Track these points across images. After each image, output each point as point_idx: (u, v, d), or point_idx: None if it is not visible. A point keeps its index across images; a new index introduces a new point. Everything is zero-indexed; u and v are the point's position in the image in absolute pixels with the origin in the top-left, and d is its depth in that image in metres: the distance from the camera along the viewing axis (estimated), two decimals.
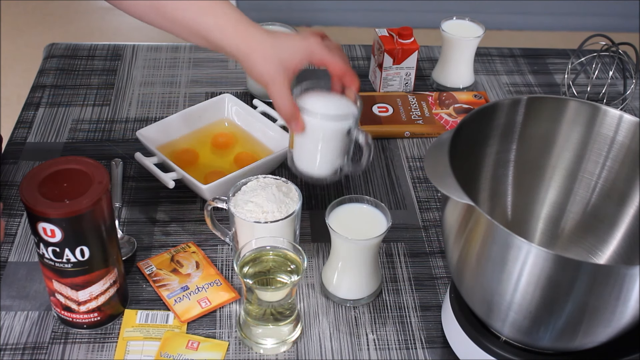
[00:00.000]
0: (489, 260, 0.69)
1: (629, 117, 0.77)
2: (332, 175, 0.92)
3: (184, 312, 0.84)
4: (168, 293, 0.86)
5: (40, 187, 0.73)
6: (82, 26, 2.96)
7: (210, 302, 0.85)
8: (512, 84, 1.29)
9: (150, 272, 0.89)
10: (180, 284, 0.87)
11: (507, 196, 0.85)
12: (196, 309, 0.84)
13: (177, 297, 0.85)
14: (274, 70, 0.85)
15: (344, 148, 0.90)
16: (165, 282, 0.87)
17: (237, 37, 0.86)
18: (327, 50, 0.88)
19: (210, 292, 0.86)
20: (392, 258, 0.94)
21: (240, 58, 0.87)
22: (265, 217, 0.84)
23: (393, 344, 0.83)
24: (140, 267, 0.89)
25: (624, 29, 2.84)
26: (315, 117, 0.86)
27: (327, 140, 0.88)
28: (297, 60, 0.87)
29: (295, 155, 0.92)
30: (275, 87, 0.86)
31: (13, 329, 0.83)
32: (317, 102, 0.89)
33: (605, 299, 0.64)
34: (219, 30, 0.86)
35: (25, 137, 1.10)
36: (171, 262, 0.90)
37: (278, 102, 0.86)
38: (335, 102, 0.90)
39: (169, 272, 0.89)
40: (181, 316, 0.84)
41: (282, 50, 0.86)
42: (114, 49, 1.31)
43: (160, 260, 0.90)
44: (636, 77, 1.20)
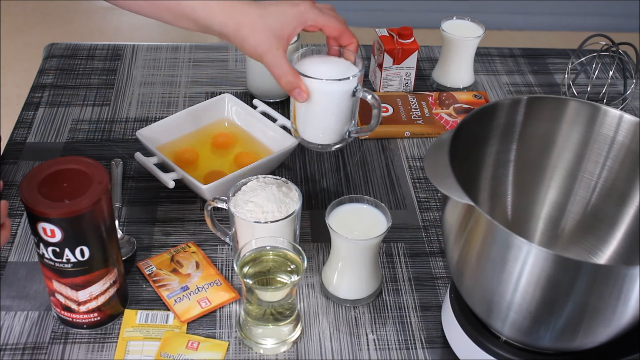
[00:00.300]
0: (489, 260, 0.69)
1: (629, 117, 0.77)
2: (340, 141, 0.89)
3: (184, 312, 0.84)
4: (168, 293, 0.86)
5: (40, 187, 0.73)
6: (82, 26, 2.96)
7: (210, 302, 0.85)
8: (512, 84, 1.29)
9: (150, 272, 0.89)
10: (180, 284, 0.87)
11: (507, 196, 0.85)
12: (196, 309, 0.84)
13: (177, 297, 0.85)
14: (267, 40, 0.83)
15: (350, 111, 0.87)
16: (165, 282, 0.87)
17: (223, 13, 0.83)
18: (319, 12, 0.85)
19: (210, 292, 0.86)
20: (392, 258, 0.94)
21: (230, 35, 0.84)
22: (265, 217, 0.84)
23: (393, 344, 0.83)
24: (140, 267, 0.89)
25: (624, 29, 2.84)
26: (319, 81, 0.83)
27: (332, 104, 0.85)
28: (289, 28, 0.84)
29: (300, 125, 0.89)
30: (270, 57, 0.83)
31: (13, 329, 0.83)
32: (317, 66, 0.86)
33: (605, 299, 0.64)
34: (204, 8, 0.83)
35: (25, 137, 1.10)
36: (171, 262, 0.90)
37: (276, 71, 0.83)
38: (335, 63, 0.87)
39: (169, 272, 0.89)
40: (181, 316, 0.84)
41: (273, 19, 0.83)
42: (114, 49, 1.31)
43: (160, 260, 0.90)
44: (636, 77, 1.20)
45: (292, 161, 1.07)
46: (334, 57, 0.88)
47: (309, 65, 0.86)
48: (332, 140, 0.89)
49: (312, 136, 0.89)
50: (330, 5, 0.89)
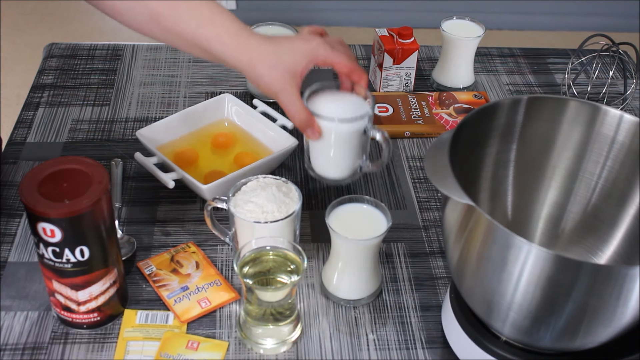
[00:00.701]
0: (489, 260, 0.69)
1: (629, 117, 0.77)
2: (352, 175, 0.92)
3: (184, 312, 0.84)
4: (168, 293, 0.86)
5: (40, 187, 0.73)
6: (82, 26, 2.96)
7: (210, 303, 0.85)
8: (512, 84, 1.29)
9: (150, 272, 0.89)
10: (180, 284, 0.87)
11: (507, 196, 0.85)
12: (196, 309, 0.84)
13: (177, 297, 0.85)
14: (281, 79, 0.84)
15: (361, 148, 0.90)
16: (165, 282, 0.87)
17: (238, 48, 0.84)
18: (330, 49, 0.87)
19: (210, 292, 0.86)
20: (392, 258, 0.94)
21: (244, 70, 0.85)
22: (265, 217, 0.84)
23: (393, 344, 0.83)
24: (140, 268, 0.89)
25: (624, 29, 2.84)
26: (331, 121, 0.85)
27: (344, 142, 0.88)
28: (302, 65, 0.85)
29: (313, 160, 0.92)
30: (286, 96, 0.85)
31: (13, 329, 0.83)
32: (329, 104, 0.88)
33: (605, 299, 0.64)
34: (219, 41, 0.84)
35: (25, 137, 1.10)
36: (171, 262, 0.90)
37: (291, 110, 0.85)
38: (347, 101, 0.89)
39: (168, 272, 0.89)
40: (181, 316, 0.84)
41: (286, 56, 0.85)
42: (114, 49, 1.31)
43: (160, 260, 0.90)
44: (636, 77, 1.20)
45: (292, 161, 1.07)
46: (346, 94, 0.90)
47: (321, 103, 0.88)
48: (343, 175, 0.92)
49: (324, 171, 0.92)
50: (341, 39, 0.91)
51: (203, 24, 0.84)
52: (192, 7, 0.84)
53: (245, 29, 0.86)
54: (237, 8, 3.05)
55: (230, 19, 0.85)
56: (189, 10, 0.84)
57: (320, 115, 0.86)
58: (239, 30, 0.85)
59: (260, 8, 3.02)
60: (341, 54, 0.88)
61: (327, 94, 0.90)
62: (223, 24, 0.85)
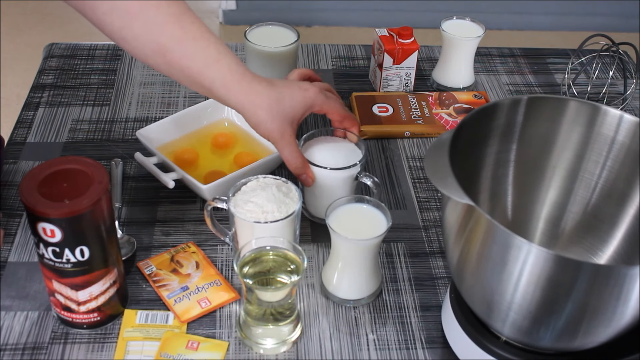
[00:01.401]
0: (489, 260, 0.69)
1: (629, 117, 0.77)
2: None
3: (184, 312, 0.84)
4: (168, 293, 0.86)
5: (40, 187, 0.73)
6: (82, 26, 2.96)
7: (210, 302, 0.85)
8: (512, 84, 1.29)
9: (150, 272, 0.89)
10: (180, 284, 0.87)
11: (507, 196, 0.85)
12: (196, 309, 0.84)
13: (177, 297, 0.85)
14: (281, 127, 0.88)
15: (353, 191, 0.95)
16: (165, 282, 0.87)
17: (241, 93, 0.87)
18: (325, 99, 0.92)
19: (210, 292, 0.86)
20: (392, 258, 0.94)
21: (245, 113, 0.88)
22: (265, 217, 0.84)
23: (393, 344, 0.83)
24: (140, 268, 0.89)
25: (624, 29, 2.84)
26: (325, 170, 0.91)
27: (337, 188, 0.93)
28: (300, 113, 0.90)
29: (308, 202, 0.97)
30: (285, 143, 0.89)
31: (13, 329, 0.83)
32: (323, 152, 0.94)
33: (605, 299, 0.64)
34: (223, 85, 0.87)
35: (25, 137, 1.10)
36: (171, 262, 0.90)
37: (288, 157, 0.90)
38: (340, 149, 0.95)
39: (168, 272, 0.89)
40: (181, 316, 0.84)
41: (286, 104, 0.89)
42: (114, 49, 1.31)
43: (160, 260, 0.90)
44: (636, 77, 1.20)
45: None
46: (339, 141, 0.97)
47: (316, 150, 0.95)
48: None
49: (317, 211, 0.97)
50: (329, 86, 0.98)
51: (209, 64, 0.86)
52: (201, 47, 0.86)
53: (248, 73, 0.88)
54: (237, 8, 3.04)
55: (235, 62, 0.88)
56: (197, 49, 0.86)
57: (314, 163, 0.91)
58: (243, 75, 0.88)
59: (260, 8, 3.02)
60: (335, 102, 0.94)
61: (322, 141, 0.96)
62: (229, 66, 0.87)
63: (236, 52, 1.32)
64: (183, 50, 0.86)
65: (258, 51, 1.14)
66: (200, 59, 0.86)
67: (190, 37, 0.86)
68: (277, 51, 1.14)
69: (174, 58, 0.86)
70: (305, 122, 1.16)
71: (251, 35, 1.16)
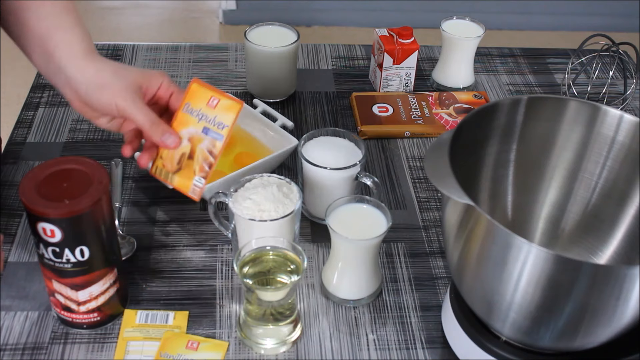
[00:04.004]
0: (489, 260, 0.69)
1: (629, 117, 0.77)
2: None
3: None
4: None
5: (40, 187, 0.73)
6: None
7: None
8: (512, 84, 1.29)
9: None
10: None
11: (507, 196, 0.85)
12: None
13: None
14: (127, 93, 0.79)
15: (352, 191, 0.94)
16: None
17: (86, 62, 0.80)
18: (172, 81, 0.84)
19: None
20: (392, 258, 0.94)
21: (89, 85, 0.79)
22: (261, 216, 0.84)
23: (393, 344, 0.83)
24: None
25: (624, 29, 2.84)
26: (324, 170, 0.91)
27: (337, 187, 0.93)
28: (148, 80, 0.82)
29: (307, 200, 0.96)
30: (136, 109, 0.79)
31: (13, 329, 0.83)
32: (323, 151, 0.94)
33: (605, 299, 0.64)
34: (68, 50, 0.81)
35: (25, 137, 1.10)
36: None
37: (143, 120, 0.79)
38: (340, 149, 0.95)
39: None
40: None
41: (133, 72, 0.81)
42: (114, 48, 1.31)
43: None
44: (636, 77, 1.20)
45: (292, 161, 1.07)
46: (339, 141, 0.97)
47: (316, 150, 0.94)
48: None
49: (317, 211, 0.96)
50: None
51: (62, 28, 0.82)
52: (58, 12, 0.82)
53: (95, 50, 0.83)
54: (237, 8, 3.05)
55: (88, 38, 0.83)
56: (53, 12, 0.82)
57: (314, 163, 0.91)
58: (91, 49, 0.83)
59: (260, 8, 3.02)
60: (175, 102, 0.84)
61: (322, 141, 0.96)
62: (81, 36, 0.82)
63: (236, 52, 1.32)
64: (39, 11, 0.82)
65: (258, 51, 1.14)
66: (54, 21, 0.82)
67: (49, 2, 0.82)
68: (277, 51, 1.14)
69: (25, 16, 0.82)
70: (306, 122, 1.16)
71: (251, 35, 1.16)
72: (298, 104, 1.20)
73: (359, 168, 0.93)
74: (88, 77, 0.80)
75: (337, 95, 1.23)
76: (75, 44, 0.82)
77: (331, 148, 0.95)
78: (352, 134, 0.96)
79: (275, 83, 1.18)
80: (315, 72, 1.28)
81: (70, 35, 0.82)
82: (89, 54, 0.82)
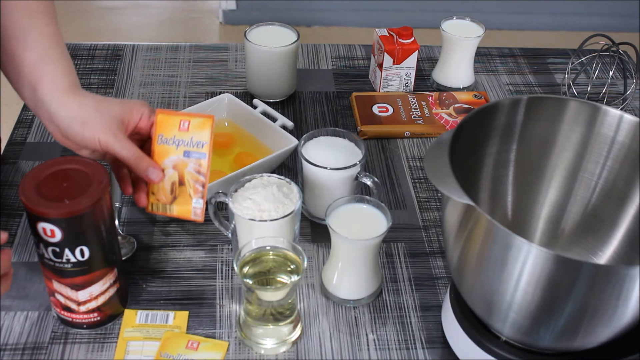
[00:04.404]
0: (489, 260, 0.69)
1: (629, 117, 0.77)
2: None
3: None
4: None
5: (40, 187, 0.73)
6: (82, 26, 2.96)
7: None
8: (512, 84, 1.29)
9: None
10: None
11: (507, 196, 0.85)
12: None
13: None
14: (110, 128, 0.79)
15: (352, 191, 0.95)
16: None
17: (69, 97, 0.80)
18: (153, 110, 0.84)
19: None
20: (392, 258, 0.94)
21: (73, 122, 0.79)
22: (261, 216, 0.84)
23: (393, 344, 0.83)
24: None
25: (624, 29, 2.84)
26: (324, 170, 0.91)
27: (336, 188, 0.93)
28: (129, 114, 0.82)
29: (307, 200, 0.96)
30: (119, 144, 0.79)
31: (13, 329, 0.83)
32: (323, 151, 0.94)
33: (605, 299, 0.64)
34: (51, 84, 0.80)
35: (25, 137, 1.10)
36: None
37: (127, 155, 0.80)
38: (340, 149, 0.95)
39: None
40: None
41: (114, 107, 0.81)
42: (114, 48, 1.31)
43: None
44: (636, 77, 1.20)
45: (292, 161, 1.07)
46: (339, 141, 0.97)
47: (316, 150, 0.95)
48: None
49: (317, 211, 0.97)
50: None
51: (46, 60, 0.81)
52: (44, 44, 0.82)
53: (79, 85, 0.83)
54: (237, 8, 3.04)
55: (73, 72, 0.83)
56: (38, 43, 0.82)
57: (314, 162, 0.91)
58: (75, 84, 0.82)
59: (260, 8, 3.02)
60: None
61: (322, 141, 0.96)
62: (65, 68, 0.82)
63: (236, 52, 1.32)
64: (25, 40, 0.81)
65: (258, 51, 1.14)
66: (39, 52, 0.81)
67: (37, 31, 0.82)
68: (277, 51, 1.14)
69: (12, 46, 0.81)
70: (306, 122, 1.16)
71: (251, 35, 1.16)
72: (298, 104, 1.20)
73: (359, 168, 0.93)
74: (70, 113, 0.80)
75: (337, 95, 1.23)
76: (58, 79, 0.81)
77: (331, 148, 0.95)
78: (352, 134, 0.96)
79: (275, 83, 1.18)
80: (315, 72, 1.28)
81: (54, 68, 0.81)
82: (71, 89, 0.81)
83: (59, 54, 0.83)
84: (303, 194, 0.95)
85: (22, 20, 0.82)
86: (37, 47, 0.82)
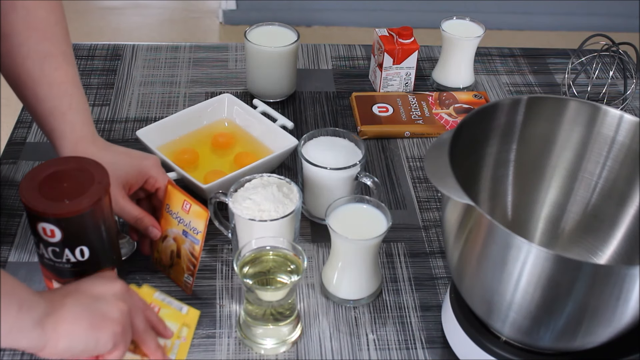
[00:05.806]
0: (489, 260, 0.69)
1: (629, 117, 0.77)
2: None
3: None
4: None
5: (40, 187, 0.73)
6: (82, 26, 2.96)
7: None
8: (512, 84, 1.29)
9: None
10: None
11: (507, 196, 0.85)
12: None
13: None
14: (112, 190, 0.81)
15: (352, 191, 0.95)
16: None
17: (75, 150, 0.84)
18: (162, 173, 0.88)
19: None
20: (392, 258, 0.94)
21: None
22: (261, 216, 0.84)
23: (393, 344, 0.83)
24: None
25: (624, 29, 2.84)
26: (324, 170, 0.91)
27: (337, 187, 0.93)
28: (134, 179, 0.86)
29: (306, 200, 0.96)
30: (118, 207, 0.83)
31: None
32: (323, 151, 0.94)
33: (605, 299, 0.64)
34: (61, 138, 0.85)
35: (25, 137, 1.10)
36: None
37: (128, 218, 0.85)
38: (340, 149, 0.95)
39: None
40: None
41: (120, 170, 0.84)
42: (114, 48, 1.31)
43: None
44: (636, 77, 1.20)
45: (292, 161, 1.07)
46: (339, 141, 0.97)
47: (316, 150, 0.95)
48: None
49: (318, 213, 0.97)
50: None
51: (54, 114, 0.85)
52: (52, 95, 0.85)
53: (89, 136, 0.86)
54: (237, 8, 3.04)
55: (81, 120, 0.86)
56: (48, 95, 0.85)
57: (314, 162, 0.91)
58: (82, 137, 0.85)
59: (260, 8, 3.02)
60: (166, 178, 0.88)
61: (322, 141, 0.96)
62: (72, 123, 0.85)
63: (236, 52, 1.32)
64: (36, 91, 0.84)
65: (258, 51, 1.14)
66: (48, 105, 0.85)
67: (46, 81, 0.85)
68: (277, 51, 1.14)
69: (26, 94, 0.85)
70: (306, 122, 1.16)
71: (251, 35, 1.16)
72: (298, 104, 1.20)
73: (359, 168, 0.93)
74: None
75: (337, 95, 1.23)
76: (66, 134, 0.85)
77: (331, 148, 0.95)
78: (352, 134, 0.96)
79: (275, 83, 1.18)
80: (315, 72, 1.28)
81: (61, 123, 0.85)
82: (81, 142, 0.85)
83: (67, 104, 0.85)
84: (303, 194, 0.95)
85: (34, 70, 0.84)
86: (47, 99, 0.85)
